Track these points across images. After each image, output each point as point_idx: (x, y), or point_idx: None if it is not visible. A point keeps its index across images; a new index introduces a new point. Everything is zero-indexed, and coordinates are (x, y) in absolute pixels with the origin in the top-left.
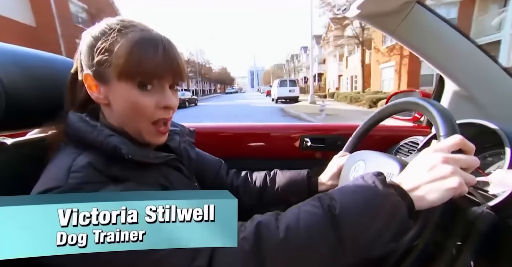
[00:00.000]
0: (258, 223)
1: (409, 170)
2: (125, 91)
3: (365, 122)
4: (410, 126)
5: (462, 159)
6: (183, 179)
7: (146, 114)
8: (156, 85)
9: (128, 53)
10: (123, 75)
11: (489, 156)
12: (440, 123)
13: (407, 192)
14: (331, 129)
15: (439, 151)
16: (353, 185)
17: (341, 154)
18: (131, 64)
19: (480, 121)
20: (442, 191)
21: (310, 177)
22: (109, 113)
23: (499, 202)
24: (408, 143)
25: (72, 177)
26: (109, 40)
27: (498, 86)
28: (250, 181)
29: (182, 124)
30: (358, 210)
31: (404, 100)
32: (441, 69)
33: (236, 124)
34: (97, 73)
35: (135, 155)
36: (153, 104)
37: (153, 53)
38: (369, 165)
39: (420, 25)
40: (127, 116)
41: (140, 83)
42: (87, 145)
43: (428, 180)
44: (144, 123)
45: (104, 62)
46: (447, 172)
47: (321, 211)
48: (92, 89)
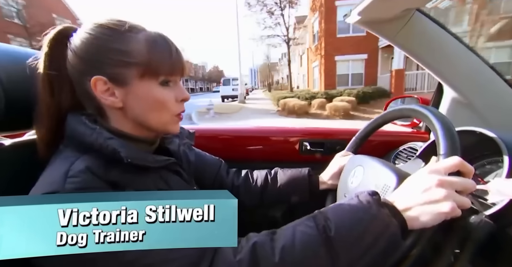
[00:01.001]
0: (254, 244)
1: (404, 188)
2: (149, 89)
3: (369, 124)
4: (409, 132)
5: (458, 182)
6: (182, 183)
7: (170, 108)
8: (173, 81)
9: (150, 53)
10: (147, 74)
11: (487, 163)
12: (442, 140)
13: (400, 211)
14: (330, 134)
15: (435, 172)
16: (348, 204)
17: (344, 154)
18: (154, 63)
19: (479, 129)
20: (434, 214)
21: (311, 175)
22: (119, 116)
23: (497, 210)
24: (407, 148)
25: (69, 182)
26: (124, 41)
27: (496, 93)
28: (251, 180)
29: (182, 126)
30: (353, 232)
31: (411, 108)
32: (440, 76)
33: (235, 128)
34: (113, 76)
35: (134, 159)
36: (173, 99)
37: (170, 52)
38: (368, 172)
39: (420, 32)
40: (150, 114)
41: (162, 81)
42: (86, 148)
43: (421, 202)
44: (169, 116)
45: (121, 63)
46: (440, 196)
47: (316, 232)
48: (106, 94)
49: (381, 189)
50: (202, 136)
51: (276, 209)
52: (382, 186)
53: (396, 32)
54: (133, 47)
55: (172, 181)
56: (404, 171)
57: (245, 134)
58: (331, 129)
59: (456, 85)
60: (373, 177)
